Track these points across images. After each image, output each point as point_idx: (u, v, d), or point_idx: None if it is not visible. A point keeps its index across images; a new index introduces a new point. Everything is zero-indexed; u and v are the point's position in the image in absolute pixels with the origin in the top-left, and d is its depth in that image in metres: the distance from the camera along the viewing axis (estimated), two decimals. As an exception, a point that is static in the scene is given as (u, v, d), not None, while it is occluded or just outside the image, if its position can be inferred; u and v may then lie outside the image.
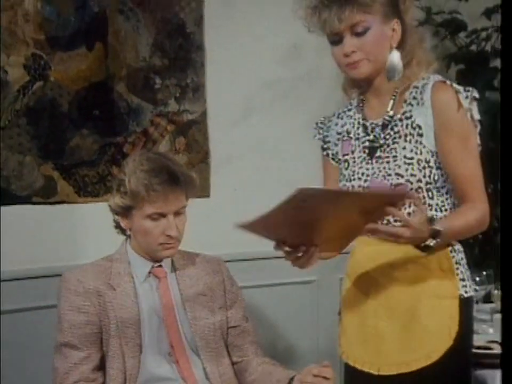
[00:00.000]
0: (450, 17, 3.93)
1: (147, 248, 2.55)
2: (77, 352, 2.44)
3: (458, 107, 2.27)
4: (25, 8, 3.23)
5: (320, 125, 2.60)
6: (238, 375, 2.63)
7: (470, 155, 2.30)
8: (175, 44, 3.55)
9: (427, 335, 2.27)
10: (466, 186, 2.29)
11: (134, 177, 2.47)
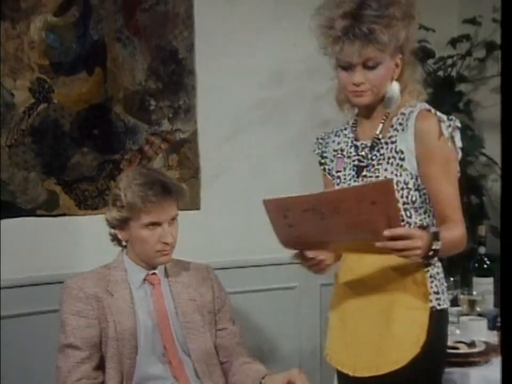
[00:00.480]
0: (420, 46, 3.92)
1: (144, 256, 2.55)
2: (79, 353, 2.44)
3: (439, 135, 2.26)
4: (31, 37, 3.24)
5: (320, 140, 2.64)
6: (225, 375, 2.63)
7: (450, 180, 2.30)
8: (168, 69, 3.55)
9: (396, 342, 2.28)
10: (447, 209, 2.29)
11: (129, 191, 2.49)
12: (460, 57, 3.87)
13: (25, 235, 3.29)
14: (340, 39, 2.28)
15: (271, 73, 3.79)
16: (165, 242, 2.52)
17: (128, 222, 2.52)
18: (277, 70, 3.79)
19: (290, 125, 3.84)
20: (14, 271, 3.24)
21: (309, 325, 3.89)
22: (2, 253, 3.20)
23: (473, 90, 4.01)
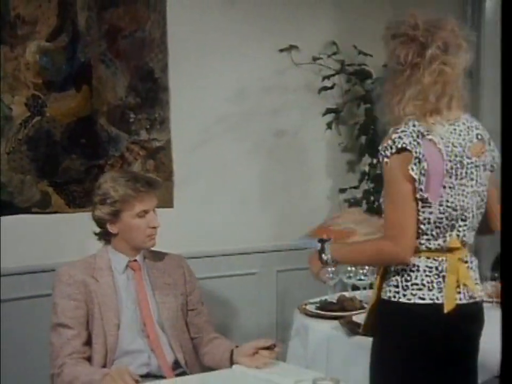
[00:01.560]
0: (360, 68, 3.95)
1: (136, 241, 2.54)
2: (69, 331, 2.42)
3: (381, 157, 2.09)
4: (27, 59, 3.24)
5: None
6: (195, 348, 2.63)
7: (387, 198, 2.13)
8: (146, 86, 3.56)
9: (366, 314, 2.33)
10: (384, 223, 2.16)
11: (119, 187, 2.49)
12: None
13: (22, 230, 3.29)
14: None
15: (235, 91, 3.81)
16: (153, 227, 2.54)
17: (119, 215, 2.51)
18: (239, 88, 3.82)
19: (251, 135, 3.87)
20: (13, 261, 3.24)
21: (267, 305, 3.93)
22: (3, 245, 3.20)
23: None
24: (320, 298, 3.07)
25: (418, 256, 2.14)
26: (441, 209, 2.12)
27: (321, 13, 4.04)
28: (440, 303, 2.13)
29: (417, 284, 2.13)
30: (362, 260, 2.30)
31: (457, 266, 2.17)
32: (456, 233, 2.17)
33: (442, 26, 2.17)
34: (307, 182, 4.09)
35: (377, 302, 2.21)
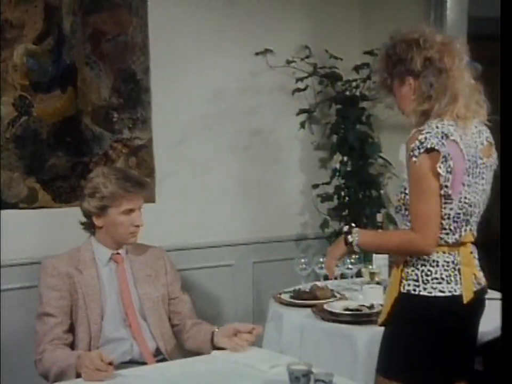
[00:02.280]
0: (331, 71, 3.95)
1: (119, 237, 2.53)
2: (52, 319, 2.41)
3: (411, 156, 2.12)
4: (14, 61, 3.20)
5: None
6: (177, 335, 2.62)
7: (413, 192, 2.15)
8: (128, 88, 3.53)
9: (384, 306, 2.34)
10: (410, 216, 2.18)
11: (109, 184, 2.48)
12: (362, 81, 3.92)
13: (10, 225, 3.24)
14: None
15: (213, 92, 3.79)
16: (137, 225, 2.53)
17: (106, 210, 2.50)
18: (217, 89, 3.79)
19: (228, 134, 3.85)
20: (2, 253, 3.19)
21: (244, 295, 3.92)
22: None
23: (372, 107, 4.06)
24: (294, 288, 3.07)
25: (437, 251, 2.19)
26: (460, 205, 2.18)
27: (295, 19, 4.04)
28: (458, 295, 2.19)
29: (437, 278, 2.18)
30: (388, 247, 2.31)
31: (470, 259, 2.25)
32: (469, 228, 2.24)
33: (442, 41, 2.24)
34: (281, 178, 4.08)
35: (397, 296, 2.23)
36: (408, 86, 2.23)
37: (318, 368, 2.02)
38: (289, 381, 1.98)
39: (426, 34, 2.23)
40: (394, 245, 2.25)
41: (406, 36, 2.26)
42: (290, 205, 4.06)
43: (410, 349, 2.20)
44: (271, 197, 4.03)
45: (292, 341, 2.77)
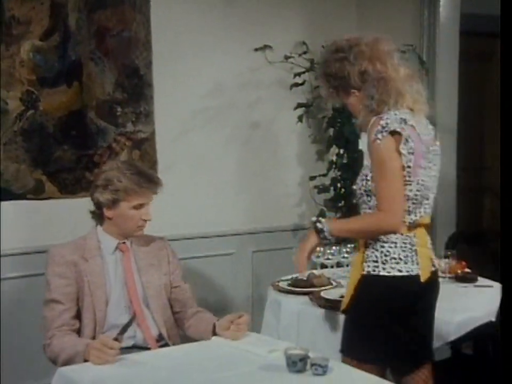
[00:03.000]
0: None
1: (127, 229, 2.52)
2: (60, 305, 2.42)
3: (373, 137, 2.17)
4: (21, 57, 3.22)
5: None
6: (178, 322, 2.62)
7: (378, 176, 2.18)
8: (132, 83, 3.54)
9: (347, 290, 2.34)
10: (377, 199, 2.20)
11: (124, 178, 2.46)
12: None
13: (18, 215, 3.26)
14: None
15: (213, 86, 3.80)
16: (145, 220, 2.53)
17: (118, 203, 2.48)
18: (217, 83, 3.81)
19: (228, 127, 3.86)
20: (10, 243, 3.21)
21: (243, 283, 3.94)
22: (0, 228, 3.18)
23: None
24: (291, 276, 3.08)
25: (395, 233, 2.22)
26: (418, 187, 2.23)
27: (293, 17, 4.04)
28: (415, 274, 2.22)
29: (395, 258, 2.22)
30: (359, 230, 2.30)
31: (425, 240, 2.30)
32: (424, 210, 2.28)
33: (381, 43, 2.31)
34: (280, 170, 4.09)
35: (360, 277, 2.25)
36: (355, 97, 2.29)
37: (314, 353, 2.04)
38: (286, 365, 2.00)
39: (353, 48, 2.28)
40: (364, 227, 2.26)
41: (335, 55, 2.30)
42: (288, 196, 4.07)
43: (371, 328, 2.23)
44: (270, 188, 4.04)
45: (289, 327, 2.78)
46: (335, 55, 2.30)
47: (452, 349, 3.35)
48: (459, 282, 3.13)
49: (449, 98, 3.98)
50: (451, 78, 3.98)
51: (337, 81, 2.30)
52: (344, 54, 2.27)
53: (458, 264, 3.28)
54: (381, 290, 2.23)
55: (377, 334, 2.23)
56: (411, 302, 2.25)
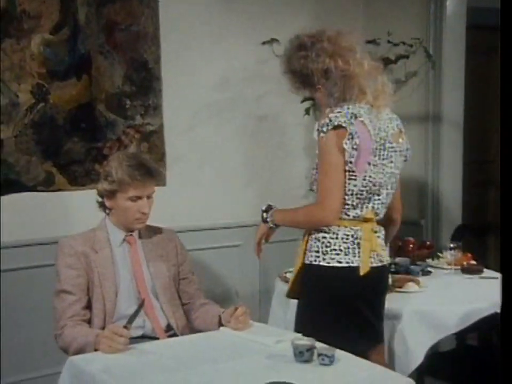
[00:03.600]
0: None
1: (125, 221, 2.53)
2: (70, 296, 2.42)
3: (318, 132, 2.23)
4: (32, 50, 3.21)
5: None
6: (186, 313, 2.63)
7: (320, 168, 2.25)
8: (140, 76, 3.54)
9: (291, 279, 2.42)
10: (317, 190, 2.28)
11: (120, 169, 2.46)
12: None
13: (29, 206, 3.27)
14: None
15: (221, 79, 3.79)
16: (143, 212, 2.51)
17: (115, 194, 2.49)
18: (225, 77, 3.80)
19: (235, 120, 3.86)
20: (21, 233, 3.23)
21: (250, 274, 3.94)
22: (12, 219, 3.19)
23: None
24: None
25: (338, 225, 2.27)
26: (364, 183, 2.26)
27: (300, 9, 4.03)
28: (355, 266, 2.27)
29: (335, 249, 2.27)
30: (296, 221, 2.37)
31: (370, 235, 2.32)
32: (371, 206, 2.31)
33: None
34: (287, 162, 4.09)
35: (301, 266, 2.33)
36: (320, 92, 2.33)
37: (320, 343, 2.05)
38: (293, 355, 2.01)
39: (316, 45, 2.30)
40: (301, 218, 2.34)
41: (298, 52, 2.33)
42: (295, 188, 4.07)
43: (315, 316, 2.30)
44: (277, 180, 4.04)
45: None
46: (298, 53, 2.33)
47: (457, 340, 3.36)
48: (465, 274, 3.13)
49: (456, 92, 3.97)
50: (457, 71, 3.97)
51: (302, 77, 2.33)
52: (307, 52, 2.30)
53: (464, 256, 3.29)
54: (321, 280, 2.30)
55: (325, 317, 2.29)
56: (350, 292, 2.29)
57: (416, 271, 3.14)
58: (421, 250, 3.50)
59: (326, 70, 2.28)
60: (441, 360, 2.45)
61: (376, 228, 2.34)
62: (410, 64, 3.97)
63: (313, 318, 2.31)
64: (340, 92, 2.27)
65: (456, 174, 4.04)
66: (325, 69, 2.28)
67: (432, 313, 2.61)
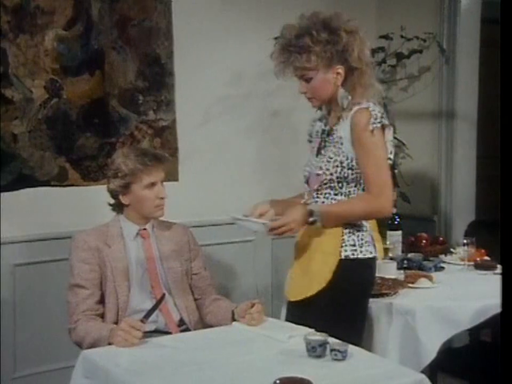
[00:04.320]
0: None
1: (145, 211, 2.53)
2: (84, 291, 2.44)
3: (366, 127, 2.26)
4: (45, 46, 3.23)
5: (312, 122, 2.61)
6: (198, 308, 2.64)
7: (370, 162, 2.29)
8: (153, 71, 3.54)
9: (312, 277, 2.37)
10: (367, 184, 2.31)
11: (129, 161, 2.49)
12: (377, 64, 3.88)
13: (42, 201, 3.29)
14: (281, 64, 2.41)
15: (233, 75, 3.79)
16: (161, 197, 2.53)
17: (130, 186, 2.50)
18: (237, 72, 3.80)
19: (248, 115, 3.86)
20: (34, 228, 3.25)
21: (262, 269, 3.95)
22: (25, 214, 3.21)
23: (387, 89, 4.05)
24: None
25: (387, 216, 2.46)
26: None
27: (314, 4, 3.99)
28: (375, 255, 2.41)
29: (366, 241, 2.38)
30: (353, 217, 2.36)
31: (374, 224, 2.46)
32: None
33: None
34: (299, 157, 4.04)
35: (337, 262, 2.33)
36: (334, 74, 2.35)
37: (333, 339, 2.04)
38: (306, 350, 2.01)
39: (360, 31, 2.35)
40: (359, 212, 2.35)
41: (347, 25, 2.34)
42: (307, 184, 4.05)
43: (352, 308, 2.35)
44: (289, 176, 4.02)
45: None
46: (346, 26, 2.33)
47: (470, 336, 3.35)
48: (478, 269, 3.12)
49: (470, 87, 3.94)
50: (472, 66, 3.94)
51: (333, 48, 2.29)
52: (357, 28, 2.33)
53: (477, 252, 3.27)
54: (360, 272, 2.36)
55: (358, 309, 2.38)
56: (374, 281, 2.50)
57: (429, 267, 3.13)
58: (433, 246, 3.49)
59: (362, 55, 2.32)
60: (454, 356, 2.44)
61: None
62: (424, 59, 3.95)
63: (345, 312, 2.33)
64: (367, 81, 2.34)
65: (470, 169, 4.02)
66: (363, 54, 2.33)
67: (445, 309, 2.60)
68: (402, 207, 3.72)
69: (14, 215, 3.19)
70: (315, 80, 2.34)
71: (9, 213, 3.16)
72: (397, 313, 2.56)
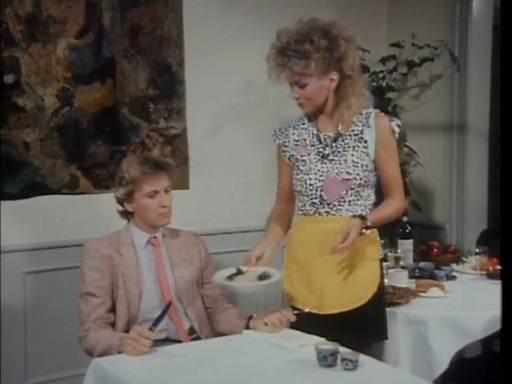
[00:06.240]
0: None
1: (149, 220, 2.53)
2: (95, 299, 2.43)
3: (392, 130, 2.37)
4: (57, 55, 3.26)
5: (278, 132, 2.58)
6: (209, 317, 2.63)
7: (396, 163, 2.42)
8: (164, 79, 3.56)
9: (360, 284, 2.36)
10: (393, 185, 2.40)
11: (131, 169, 2.49)
12: (388, 72, 3.91)
13: (54, 209, 3.30)
14: (276, 68, 2.39)
15: (244, 83, 3.80)
16: (164, 206, 2.51)
17: (133, 194, 2.50)
18: (248, 80, 3.80)
19: (258, 124, 3.85)
20: (45, 236, 3.27)
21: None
22: (37, 222, 3.22)
23: (398, 97, 4.05)
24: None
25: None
26: None
27: (321, 11, 3.99)
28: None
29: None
30: (388, 219, 2.44)
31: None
32: None
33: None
34: (310, 166, 4.07)
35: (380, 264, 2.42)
36: (328, 80, 2.36)
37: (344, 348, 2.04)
38: (317, 359, 2.00)
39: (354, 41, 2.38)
40: (392, 215, 2.43)
41: (344, 33, 2.36)
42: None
43: (380, 315, 2.44)
44: (300, 184, 4.03)
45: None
46: (344, 34, 2.34)
47: (483, 346, 3.33)
48: (490, 279, 3.10)
49: (482, 95, 3.93)
50: (483, 74, 3.93)
51: (331, 56, 2.30)
52: (353, 37, 2.35)
53: (489, 261, 3.25)
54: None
55: (384, 317, 2.47)
56: None
57: (441, 276, 3.12)
58: (445, 255, 3.47)
59: (357, 64, 2.36)
60: (466, 367, 2.43)
61: None
62: (435, 67, 3.95)
63: (380, 317, 2.45)
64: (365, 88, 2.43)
65: (482, 177, 4.00)
66: (359, 62, 2.38)
67: (458, 319, 2.58)
68: (413, 215, 3.71)
69: (26, 223, 3.20)
70: (311, 86, 2.33)
71: (21, 221, 3.18)
72: (409, 323, 2.55)
